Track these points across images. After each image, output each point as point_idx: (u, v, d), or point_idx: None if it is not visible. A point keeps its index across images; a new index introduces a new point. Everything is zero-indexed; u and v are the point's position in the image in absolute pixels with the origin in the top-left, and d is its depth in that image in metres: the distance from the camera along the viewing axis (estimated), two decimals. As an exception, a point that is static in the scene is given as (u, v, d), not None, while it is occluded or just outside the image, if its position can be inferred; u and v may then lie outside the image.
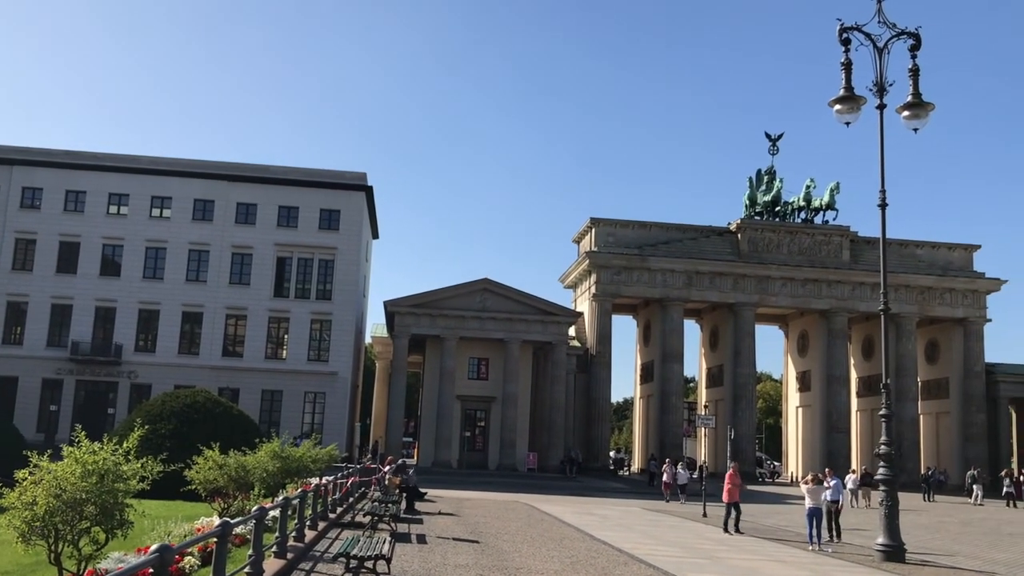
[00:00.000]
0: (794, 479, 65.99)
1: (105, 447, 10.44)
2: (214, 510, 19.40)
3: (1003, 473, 52.69)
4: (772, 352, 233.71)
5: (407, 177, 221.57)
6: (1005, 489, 48.82)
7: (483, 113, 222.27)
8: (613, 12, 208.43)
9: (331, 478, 24.27)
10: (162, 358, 55.70)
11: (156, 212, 57.85)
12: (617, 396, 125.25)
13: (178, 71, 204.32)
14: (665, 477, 40.94)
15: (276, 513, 14.46)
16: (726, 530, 24.51)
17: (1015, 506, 46.97)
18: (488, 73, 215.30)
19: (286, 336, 57.28)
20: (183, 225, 57.45)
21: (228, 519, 9.81)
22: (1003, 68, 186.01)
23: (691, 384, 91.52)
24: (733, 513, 24.47)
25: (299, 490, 18.15)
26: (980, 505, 46.70)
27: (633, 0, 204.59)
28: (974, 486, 49.48)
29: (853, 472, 45.50)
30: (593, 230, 64.26)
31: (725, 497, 24.56)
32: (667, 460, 45.50)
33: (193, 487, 19.20)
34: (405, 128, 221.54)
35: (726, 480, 24.81)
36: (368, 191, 61.07)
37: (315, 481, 22.46)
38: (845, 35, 18.14)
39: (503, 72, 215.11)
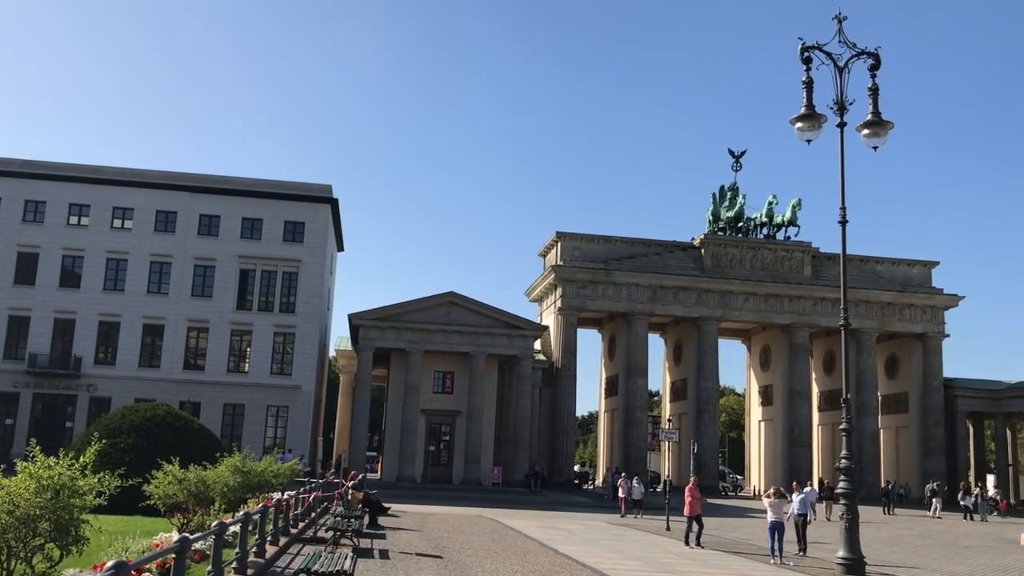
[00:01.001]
0: (757, 493, 66.42)
1: (61, 462, 10.26)
2: (173, 525, 19.12)
3: (962, 486, 53.47)
4: (735, 366, 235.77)
5: (373, 190, 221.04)
6: (963, 502, 49.52)
7: (449, 127, 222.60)
8: (579, 29, 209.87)
9: (293, 493, 24.04)
10: (122, 371, 54.88)
11: (117, 223, 57.11)
12: (582, 410, 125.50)
13: (142, 81, 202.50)
14: (621, 492, 40.47)
15: (236, 528, 14.28)
16: (687, 543, 24.63)
17: (972, 519, 47.65)
18: (455, 88, 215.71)
19: (249, 349, 56.72)
20: (145, 236, 56.77)
21: (187, 534, 9.71)
22: (961, 89, 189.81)
23: (655, 398, 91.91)
24: (695, 527, 24.60)
25: (260, 505, 17.95)
26: (939, 518, 47.32)
27: (599, 18, 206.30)
28: (934, 499, 50.21)
29: (809, 486, 45.70)
30: (559, 244, 64.52)
31: (686, 511, 24.70)
32: (622, 474, 45.40)
33: (152, 502, 18.93)
34: (371, 141, 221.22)
35: (686, 494, 24.96)
36: (333, 203, 60.80)
37: (277, 496, 22.24)
38: (806, 54, 18.41)
39: (470, 87, 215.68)
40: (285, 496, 22.11)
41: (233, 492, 20.74)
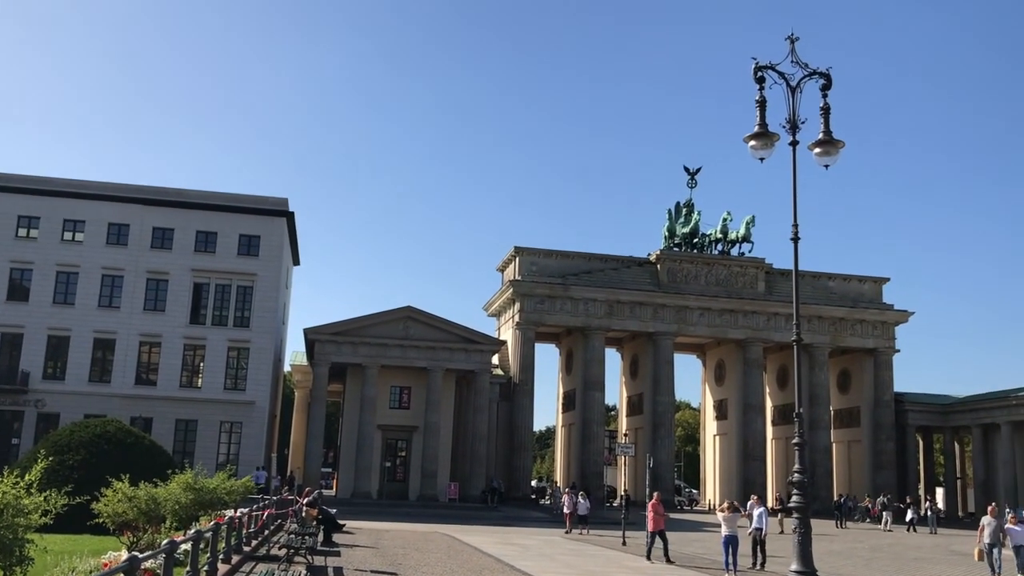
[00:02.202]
0: (712, 507, 66.86)
1: (6, 480, 10.02)
2: (123, 544, 18.77)
3: (907, 500, 54.32)
4: (691, 381, 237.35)
5: (331, 204, 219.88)
6: (908, 515, 50.30)
7: (406, 142, 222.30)
8: (537, 47, 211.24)
9: (246, 510, 23.72)
10: (72, 386, 53.74)
11: (68, 235, 56.05)
12: (540, 424, 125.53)
13: (95, 91, 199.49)
14: (566, 507, 39.65)
15: (188, 546, 14.05)
16: (649, 559, 24.67)
17: (915, 531, 48.37)
18: (413, 104, 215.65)
19: (202, 364, 55.91)
20: (96, 249, 55.79)
21: (137, 553, 9.51)
22: (910, 108, 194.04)
23: (612, 412, 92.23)
24: (658, 542, 24.63)
25: (212, 522, 17.68)
26: (889, 531, 48.04)
27: (556, 35, 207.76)
28: (884, 512, 51.02)
29: (754, 498, 45.83)
30: (517, 259, 64.64)
31: (650, 526, 24.73)
32: (566, 489, 45.07)
33: (101, 520, 18.57)
34: (329, 156, 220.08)
35: (649, 509, 24.97)
36: (289, 217, 60.30)
37: (229, 513, 21.92)
38: (760, 73, 18.67)
39: (428, 104, 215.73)
40: (238, 513, 21.80)
41: (185, 509, 20.44)
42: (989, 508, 23.05)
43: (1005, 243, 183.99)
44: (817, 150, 18.29)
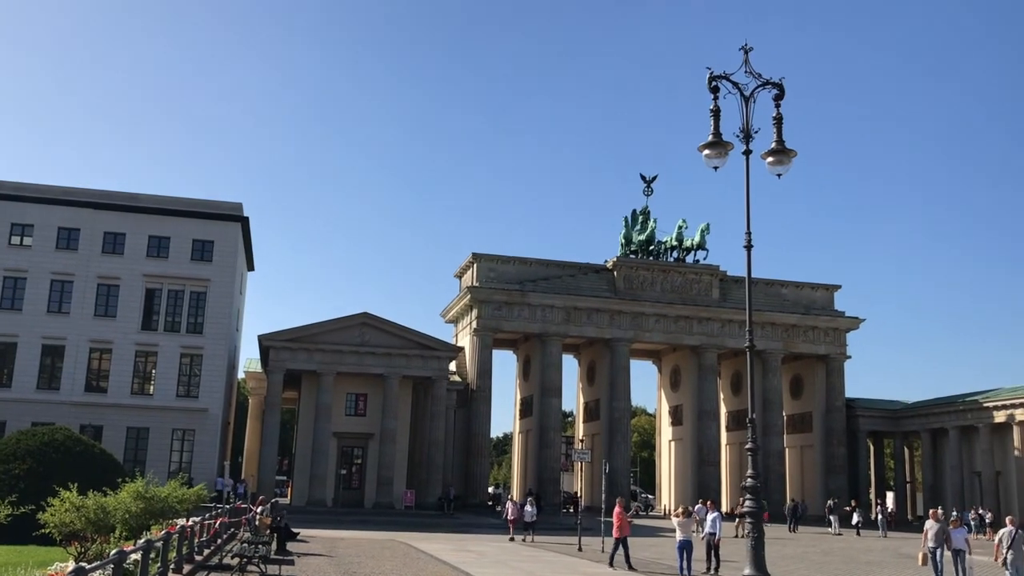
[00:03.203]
0: (667, 512, 67.30)
1: (-52, 490, 9.78)
2: (70, 555, 18.39)
3: (853, 504, 55.13)
4: (647, 387, 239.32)
5: (286, 210, 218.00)
6: (855, 519, 51.03)
7: (363, 148, 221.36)
8: (491, 56, 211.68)
9: (199, 519, 23.40)
10: (18, 393, 52.57)
11: (16, 240, 54.89)
12: (497, 431, 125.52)
13: (42, 95, 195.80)
14: (509, 513, 38.15)
15: (137, 556, 13.82)
16: (611, 565, 24.71)
17: (860, 534, 49.11)
18: (368, 110, 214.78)
19: (154, 371, 55.04)
20: (45, 254, 54.68)
21: (84, 564, 9.34)
22: (861, 117, 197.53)
23: (569, 418, 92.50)
24: (621, 548, 24.63)
25: (164, 532, 17.40)
26: (839, 535, 48.76)
27: (512, 45, 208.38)
28: (830, 516, 51.96)
29: (701, 503, 46.13)
30: (475, 265, 64.63)
31: (615, 533, 24.75)
32: (510, 496, 44.00)
33: (47, 531, 18.18)
34: (283, 162, 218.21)
35: (615, 517, 24.96)
36: (244, 222, 59.63)
37: (181, 522, 21.61)
38: (714, 83, 18.87)
39: (383, 109, 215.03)
40: (190, 522, 21.49)
41: (135, 519, 20.07)
42: (932, 512, 23.26)
43: (954, 253, 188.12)
44: (770, 159, 18.52)
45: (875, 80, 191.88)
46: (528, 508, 37.88)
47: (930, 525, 22.22)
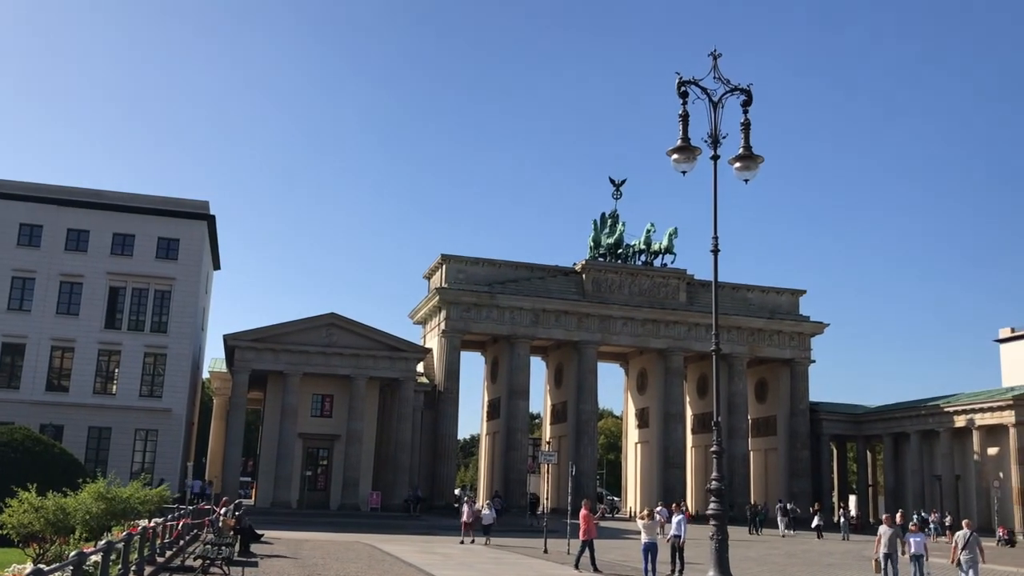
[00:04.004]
0: (633, 514, 67.59)
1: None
2: (28, 556, 18.13)
3: (814, 507, 55.69)
4: (614, 389, 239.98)
5: (253, 210, 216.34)
6: (815, 522, 51.53)
7: (331, 148, 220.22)
8: (464, 51, 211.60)
9: (161, 520, 23.13)
10: (-23, 392, 51.66)
11: (-25, 236, 53.97)
12: (464, 433, 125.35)
13: (6, 87, 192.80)
14: (464, 515, 37.17)
15: (98, 558, 13.64)
16: (577, 567, 24.75)
17: (822, 537, 49.67)
18: (338, 108, 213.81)
19: (117, 370, 54.30)
20: (6, 251, 53.74)
21: (43, 566, 9.20)
22: (827, 123, 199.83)
23: (536, 421, 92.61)
24: (587, 551, 24.67)
25: (125, 533, 17.18)
26: (791, 534, 49.60)
27: (482, 47, 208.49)
28: (780, 519, 52.71)
29: (660, 505, 46.27)
30: (444, 266, 64.52)
31: (581, 535, 24.78)
32: (465, 497, 43.31)
33: (5, 532, 17.89)
34: (250, 162, 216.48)
35: (581, 519, 24.98)
36: (210, 220, 59.05)
37: (143, 523, 21.35)
38: (683, 88, 18.98)
39: (353, 107, 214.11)
40: (152, 523, 21.24)
41: (96, 520, 19.82)
42: (885, 517, 23.06)
43: (917, 258, 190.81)
44: (737, 165, 18.65)
45: (841, 88, 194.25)
46: (485, 511, 37.28)
47: (883, 530, 21.77)
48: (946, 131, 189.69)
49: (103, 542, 14.19)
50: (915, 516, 49.90)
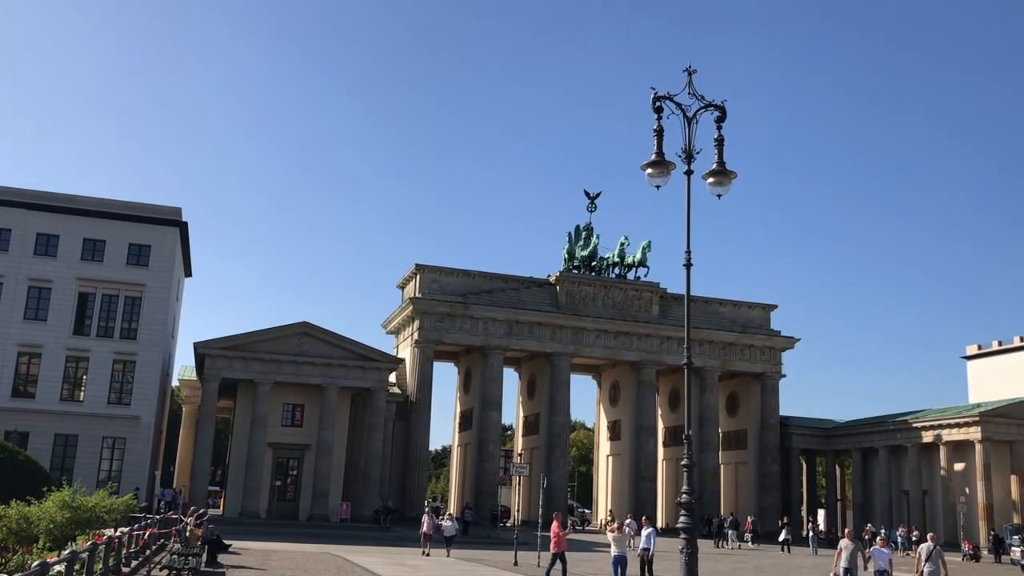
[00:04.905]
0: (603, 526, 67.58)
1: None
2: (-10, 566, 17.82)
3: (782, 521, 55.97)
4: (586, 401, 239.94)
5: (227, 217, 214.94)
6: (782, 536, 51.72)
7: (306, 158, 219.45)
8: (436, 65, 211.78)
9: (127, 529, 22.85)
10: (-60, 398, 50.82)
11: (-58, 239, 53.18)
12: (436, 444, 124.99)
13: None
14: (424, 527, 36.54)
15: (61, 568, 13.45)
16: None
17: (788, 551, 49.77)
18: (313, 119, 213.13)
19: (85, 377, 53.62)
20: (-27, 254, 53.03)
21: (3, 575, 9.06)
22: (798, 143, 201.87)
23: (509, 432, 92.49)
24: (558, 563, 24.60)
25: (90, 542, 16.96)
26: (734, 549, 50.06)
27: (459, 58, 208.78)
28: (729, 532, 52.98)
29: (630, 518, 46.28)
30: (418, 276, 64.36)
31: (552, 548, 24.72)
32: (427, 509, 42.74)
33: (-33, 540, 17.59)
34: (224, 169, 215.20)
35: (552, 532, 24.93)
36: (182, 227, 58.56)
37: (109, 532, 21.08)
38: (658, 104, 19.09)
39: (327, 117, 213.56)
40: (118, 533, 20.97)
41: (60, 529, 19.56)
42: (847, 532, 23.01)
43: (887, 276, 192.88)
44: (710, 180, 18.75)
45: (812, 101, 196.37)
46: (446, 522, 36.53)
47: (844, 545, 21.58)
48: (914, 152, 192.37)
49: (67, 552, 13.99)
50: (882, 531, 50.30)
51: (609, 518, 61.34)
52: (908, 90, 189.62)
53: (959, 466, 61.98)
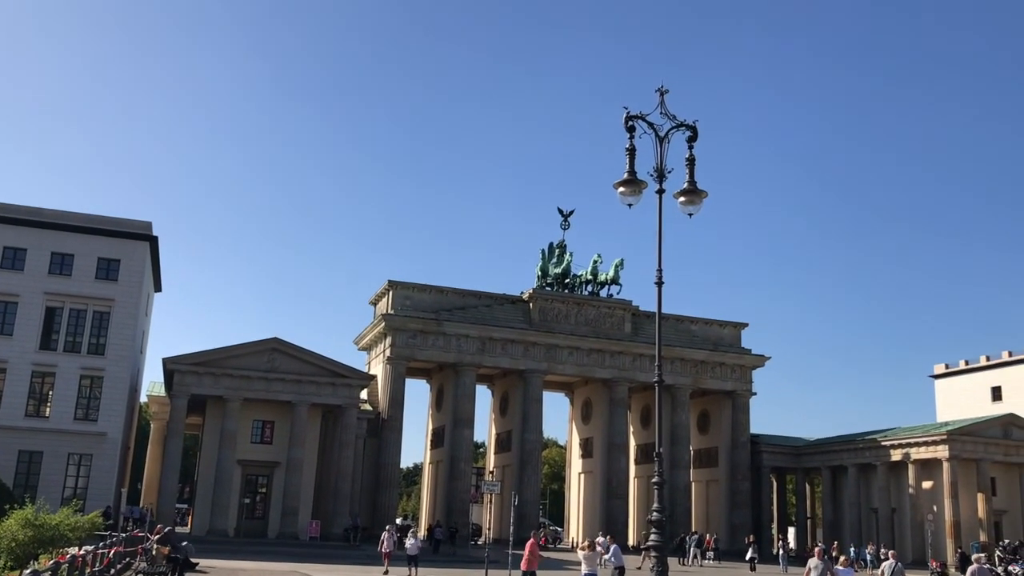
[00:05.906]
0: (575, 544, 67.41)
1: None
2: (-51, 585, 17.47)
3: (749, 538, 56.08)
4: (558, 419, 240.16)
5: (197, 232, 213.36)
6: (749, 554, 51.83)
7: (278, 173, 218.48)
8: (410, 79, 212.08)
9: (92, 548, 22.47)
10: (-99, 413, 49.84)
11: (-95, 252, 52.31)
12: (408, 461, 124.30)
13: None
14: (384, 545, 36.36)
15: (23, 588, 13.20)
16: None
17: (755, 570, 49.84)
18: (286, 133, 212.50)
19: (51, 392, 52.78)
20: (-63, 267, 52.20)
21: (-38, 596, 8.87)
22: (770, 161, 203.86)
23: (481, 449, 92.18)
24: None
25: (52, 561, 16.67)
26: (697, 567, 50.19)
27: (435, 76, 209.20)
28: (690, 549, 53.27)
29: (601, 536, 46.07)
30: (390, 293, 64.15)
31: (523, 565, 24.58)
32: (387, 526, 42.12)
33: (-75, 560, 17.23)
34: (196, 186, 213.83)
35: (528, 548, 24.78)
36: (152, 241, 57.98)
37: (73, 551, 20.73)
38: (631, 123, 19.22)
39: (299, 135, 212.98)
40: (82, 551, 20.62)
41: (22, 547, 19.23)
42: (816, 550, 22.81)
43: (856, 296, 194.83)
44: (681, 199, 18.87)
45: (784, 125, 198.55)
46: (409, 541, 35.74)
47: (813, 564, 21.53)
48: (881, 177, 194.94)
49: (28, 571, 13.74)
50: (852, 549, 50.59)
51: (584, 539, 61.09)
52: (875, 115, 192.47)
53: (927, 484, 62.52)
